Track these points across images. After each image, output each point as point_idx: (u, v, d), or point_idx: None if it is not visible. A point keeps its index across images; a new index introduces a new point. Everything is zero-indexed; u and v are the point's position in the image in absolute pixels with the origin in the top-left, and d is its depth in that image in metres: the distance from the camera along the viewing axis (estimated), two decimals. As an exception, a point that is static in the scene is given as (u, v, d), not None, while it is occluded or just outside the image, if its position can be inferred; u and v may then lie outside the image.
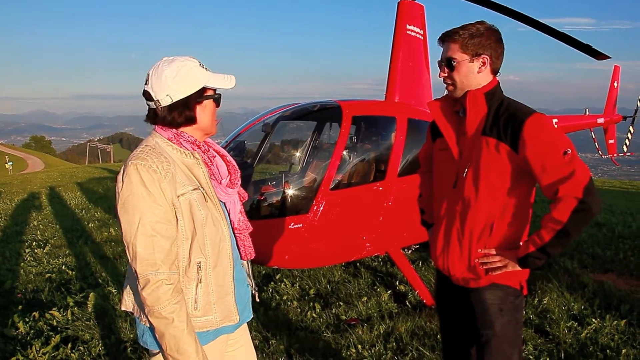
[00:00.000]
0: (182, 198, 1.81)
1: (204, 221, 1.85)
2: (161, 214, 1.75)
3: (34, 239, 8.32)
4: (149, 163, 1.76)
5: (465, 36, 2.22)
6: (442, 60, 2.33)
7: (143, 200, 1.72)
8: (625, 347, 3.96)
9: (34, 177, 24.85)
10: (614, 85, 14.29)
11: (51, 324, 4.47)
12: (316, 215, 4.18)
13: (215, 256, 1.90)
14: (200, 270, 1.85)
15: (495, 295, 2.33)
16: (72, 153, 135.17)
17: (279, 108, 5.05)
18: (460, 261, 2.37)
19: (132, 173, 1.74)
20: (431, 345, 4.00)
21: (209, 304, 1.88)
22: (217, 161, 2.00)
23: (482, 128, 2.26)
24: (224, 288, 1.93)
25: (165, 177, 1.76)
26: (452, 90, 2.34)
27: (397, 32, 5.46)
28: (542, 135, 2.11)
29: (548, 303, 4.78)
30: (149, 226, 1.73)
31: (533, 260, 2.20)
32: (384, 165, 4.67)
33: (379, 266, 6.16)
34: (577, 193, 2.05)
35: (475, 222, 2.29)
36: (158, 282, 1.73)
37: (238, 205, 2.05)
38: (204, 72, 1.89)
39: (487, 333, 2.34)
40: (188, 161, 1.88)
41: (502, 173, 2.22)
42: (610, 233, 7.93)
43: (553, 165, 2.09)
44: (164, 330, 1.75)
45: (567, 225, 2.07)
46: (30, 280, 5.97)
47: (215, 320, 1.91)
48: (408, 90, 5.43)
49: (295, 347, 4.01)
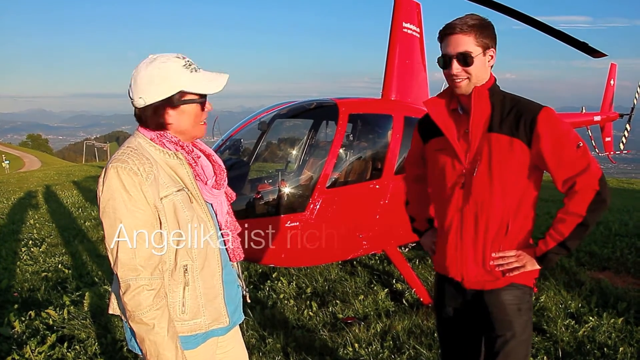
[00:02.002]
0: (166, 200, 1.76)
1: (188, 223, 1.80)
2: (143, 218, 1.70)
3: (30, 237, 8.29)
4: (129, 165, 1.70)
5: (477, 27, 2.11)
6: (451, 55, 2.14)
7: (124, 204, 1.68)
8: (623, 345, 3.96)
9: (31, 175, 24.79)
10: (611, 83, 14.31)
11: (47, 323, 4.45)
12: (313, 213, 4.17)
13: (203, 258, 1.86)
14: (187, 273, 1.82)
15: (513, 296, 2.27)
16: (69, 151, 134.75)
17: (276, 106, 5.04)
18: (476, 264, 2.28)
19: (112, 176, 1.69)
20: (428, 343, 3.99)
21: (197, 307, 1.85)
22: (202, 161, 1.94)
23: (488, 125, 2.19)
24: (213, 290, 1.89)
25: (147, 179, 1.71)
26: (465, 85, 2.18)
27: (393, 29, 5.45)
28: (556, 129, 2.09)
29: (545, 301, 4.78)
30: (130, 231, 1.68)
31: (553, 256, 2.18)
32: (380, 163, 4.67)
33: (376, 264, 6.16)
34: (594, 185, 2.07)
35: (490, 222, 2.21)
36: (139, 288, 1.69)
37: (225, 206, 2.00)
38: (186, 74, 1.78)
39: (506, 334, 2.25)
40: (171, 162, 1.82)
41: (516, 170, 2.16)
42: (607, 231, 7.94)
43: (569, 158, 2.08)
44: (145, 335, 1.72)
45: (587, 218, 2.08)
46: (26, 279, 5.95)
47: (205, 323, 1.87)
48: (405, 88, 5.42)
49: (291, 346, 4.00)
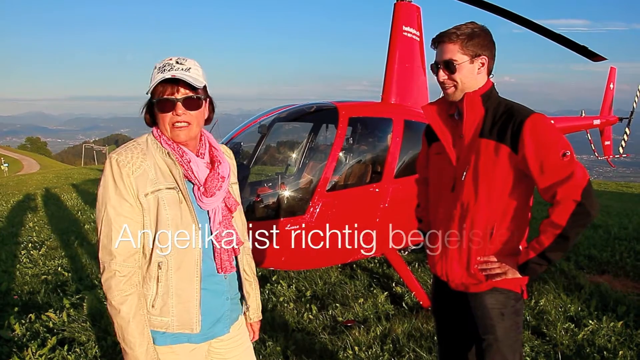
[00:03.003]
0: (151, 196, 1.80)
1: (168, 222, 1.83)
2: (125, 208, 1.78)
3: (29, 240, 8.29)
4: (122, 157, 1.79)
5: (464, 36, 2.17)
6: (438, 62, 2.25)
7: (110, 192, 1.78)
8: (622, 348, 3.97)
9: (30, 178, 24.79)
10: (610, 86, 14.35)
11: (47, 325, 4.45)
12: (312, 216, 4.17)
13: (179, 259, 1.86)
14: (160, 269, 1.84)
15: (496, 300, 2.29)
16: (68, 154, 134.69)
17: (275, 109, 5.05)
18: (460, 266, 2.34)
19: (107, 166, 1.81)
20: (428, 347, 3.99)
21: (166, 306, 1.86)
22: (195, 167, 1.90)
23: (479, 130, 2.23)
24: (186, 293, 1.87)
25: (135, 172, 1.78)
26: (453, 92, 2.26)
27: (393, 33, 5.47)
28: (542, 135, 2.09)
29: (545, 305, 4.79)
30: (112, 217, 1.77)
31: (534, 266, 2.16)
32: (380, 167, 4.67)
33: (376, 268, 6.16)
34: (575, 196, 2.02)
35: (475, 227, 2.25)
36: (112, 272, 1.77)
37: (219, 216, 1.97)
38: (154, 75, 1.82)
39: (488, 338, 2.29)
40: (168, 160, 1.87)
41: (502, 176, 2.18)
42: (606, 235, 7.96)
43: (552, 166, 2.05)
44: (113, 317, 1.80)
45: (566, 229, 2.04)
46: (26, 282, 5.95)
47: (172, 324, 1.87)
48: (404, 92, 5.43)
49: (291, 349, 4.00)
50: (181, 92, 1.81)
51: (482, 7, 5.49)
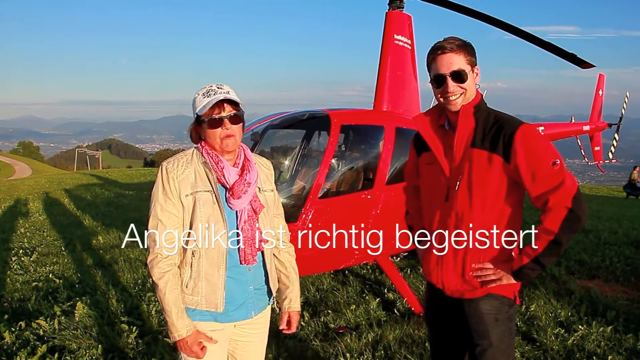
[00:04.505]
0: (190, 196, 2.19)
1: (202, 219, 2.18)
2: (169, 205, 2.18)
3: (20, 246, 8.25)
4: (170, 165, 2.22)
5: (464, 47, 2.23)
6: (445, 73, 2.24)
7: (159, 192, 2.20)
8: (612, 353, 4.01)
9: (22, 183, 24.65)
10: (599, 93, 14.50)
11: (38, 333, 4.42)
12: (305, 223, 4.19)
13: (209, 251, 2.21)
14: (193, 257, 2.21)
15: (491, 306, 2.34)
16: (61, 159, 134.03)
17: (268, 117, 5.06)
18: (455, 273, 2.38)
19: (158, 172, 2.24)
20: (419, 353, 4.01)
21: (197, 287, 2.22)
22: (226, 173, 2.23)
23: (470, 141, 2.28)
24: (213, 278, 2.22)
25: (179, 177, 2.19)
26: (457, 103, 2.27)
27: (385, 41, 5.52)
28: (533, 145, 2.16)
29: (535, 310, 4.82)
30: (158, 212, 2.18)
31: (527, 272, 2.23)
32: (372, 174, 4.70)
33: (368, 274, 6.17)
34: (566, 202, 2.11)
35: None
36: (155, 254, 2.17)
37: (245, 216, 2.27)
38: (199, 100, 2.20)
39: (483, 343, 2.33)
40: (206, 168, 2.24)
41: (495, 185, 2.24)
42: (596, 239, 8.03)
43: (543, 175, 2.13)
44: (156, 291, 2.19)
45: (559, 235, 2.12)
46: (17, 288, 5.92)
47: (201, 302, 2.23)
48: (396, 100, 5.47)
49: (283, 356, 4.01)
50: (226, 110, 2.19)
51: (474, 16, 5.55)
